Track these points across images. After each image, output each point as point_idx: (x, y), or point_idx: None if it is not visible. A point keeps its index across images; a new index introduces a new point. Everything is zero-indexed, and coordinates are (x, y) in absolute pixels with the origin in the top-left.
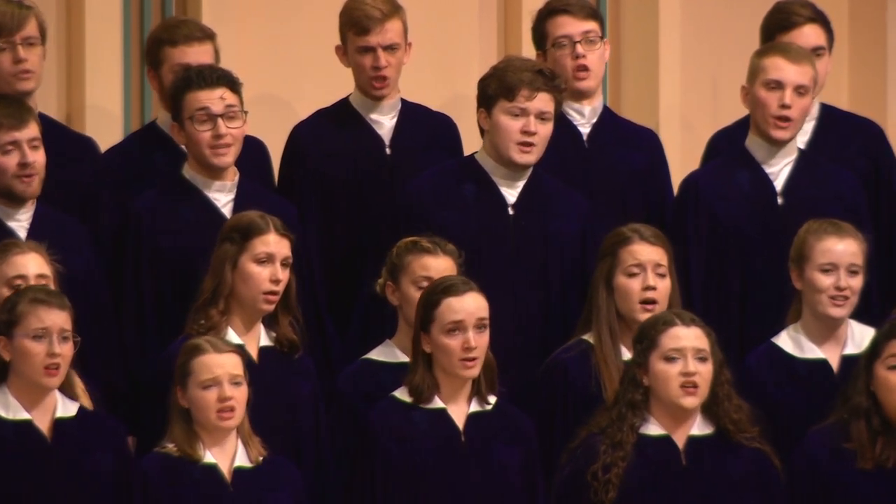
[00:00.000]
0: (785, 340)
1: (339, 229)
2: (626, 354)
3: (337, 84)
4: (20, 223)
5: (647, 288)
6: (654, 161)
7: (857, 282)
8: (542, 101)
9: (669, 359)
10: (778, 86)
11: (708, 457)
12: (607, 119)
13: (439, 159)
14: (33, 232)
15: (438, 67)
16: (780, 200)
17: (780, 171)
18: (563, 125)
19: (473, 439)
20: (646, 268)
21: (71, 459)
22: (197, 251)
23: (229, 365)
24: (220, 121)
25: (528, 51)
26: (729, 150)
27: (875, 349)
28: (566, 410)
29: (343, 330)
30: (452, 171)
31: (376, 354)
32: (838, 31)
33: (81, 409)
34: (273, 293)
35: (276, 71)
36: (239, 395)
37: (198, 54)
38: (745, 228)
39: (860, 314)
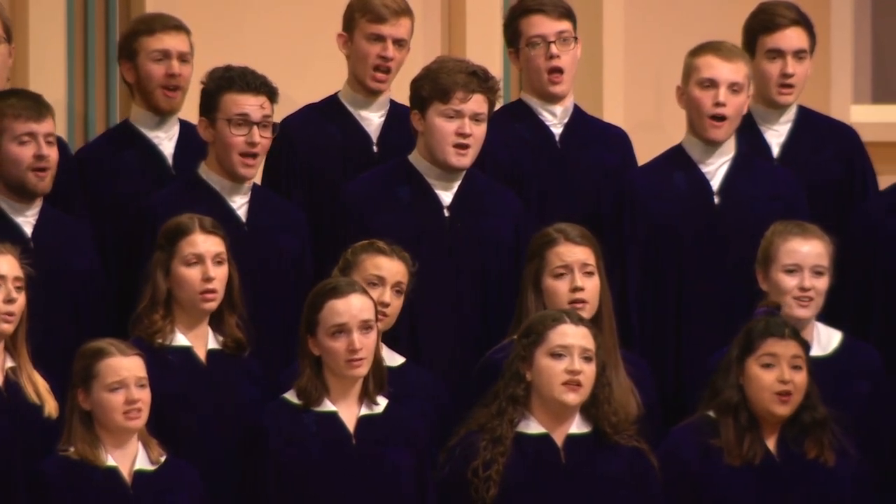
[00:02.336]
0: None
1: (325, 225)
2: None
3: (323, 80)
4: (27, 219)
5: (576, 289)
6: (625, 160)
7: (821, 283)
8: (477, 103)
9: (555, 355)
10: (712, 84)
11: (587, 455)
12: (578, 119)
13: None
14: (38, 229)
15: None
16: (716, 200)
17: (716, 170)
18: (536, 125)
19: (364, 442)
20: (573, 268)
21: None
22: None
23: (135, 368)
24: (255, 129)
25: (473, 52)
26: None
27: (749, 345)
28: None
29: None
30: (387, 173)
31: None
32: None
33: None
34: (209, 291)
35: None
36: (145, 397)
37: (176, 42)
38: (682, 228)
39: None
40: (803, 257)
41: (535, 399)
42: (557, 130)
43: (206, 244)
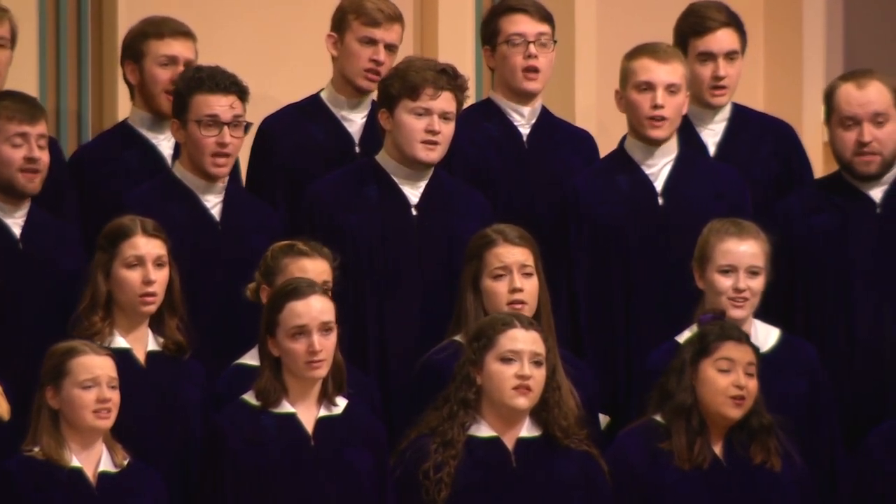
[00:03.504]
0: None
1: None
2: None
3: (303, 80)
4: (15, 220)
5: (514, 290)
6: (591, 163)
7: (757, 283)
8: (446, 101)
9: (505, 359)
10: (649, 87)
11: (537, 458)
12: (546, 120)
13: None
14: (27, 230)
15: None
16: (660, 201)
17: (659, 171)
18: (504, 124)
19: (323, 443)
20: (511, 269)
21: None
22: (185, 251)
23: (108, 367)
24: (226, 129)
25: (445, 52)
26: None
27: (705, 347)
28: None
29: None
30: (354, 172)
31: (249, 358)
32: (754, 32)
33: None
34: (149, 294)
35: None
36: (115, 398)
37: (183, 48)
38: (627, 230)
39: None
40: (738, 258)
41: (486, 403)
42: (525, 130)
43: (148, 247)
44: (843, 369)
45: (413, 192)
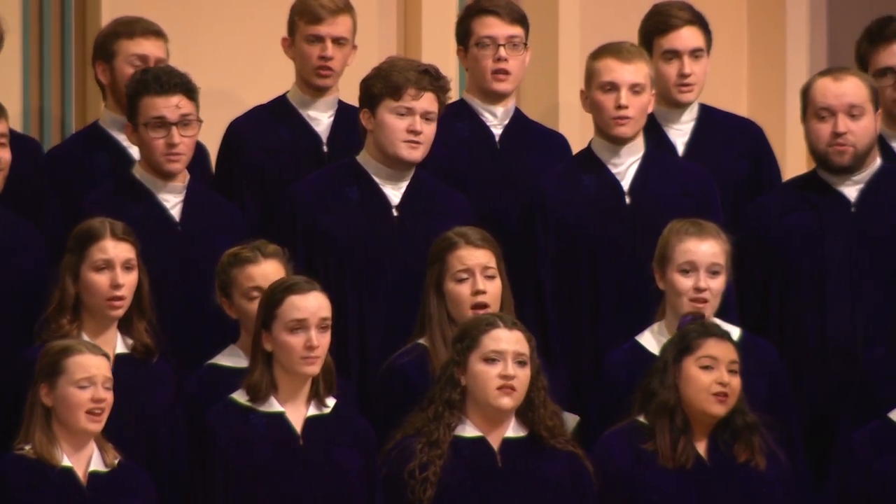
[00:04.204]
0: (648, 339)
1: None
2: None
3: (275, 81)
4: None
5: (477, 292)
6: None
7: (717, 283)
8: (428, 101)
9: (489, 360)
10: (613, 87)
11: (523, 458)
12: (519, 121)
13: None
14: None
15: None
16: (627, 200)
17: (626, 170)
18: (476, 125)
19: (312, 443)
20: (474, 272)
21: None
22: (144, 252)
23: (103, 367)
24: (174, 129)
25: (428, 53)
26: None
27: (687, 345)
28: (406, 414)
29: None
30: (335, 173)
31: (221, 359)
32: (737, 33)
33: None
34: (117, 298)
35: (218, 67)
36: (109, 399)
37: (154, 48)
38: (594, 230)
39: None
40: (699, 257)
41: (471, 403)
42: (497, 131)
43: (116, 250)
44: (816, 369)
45: (394, 193)
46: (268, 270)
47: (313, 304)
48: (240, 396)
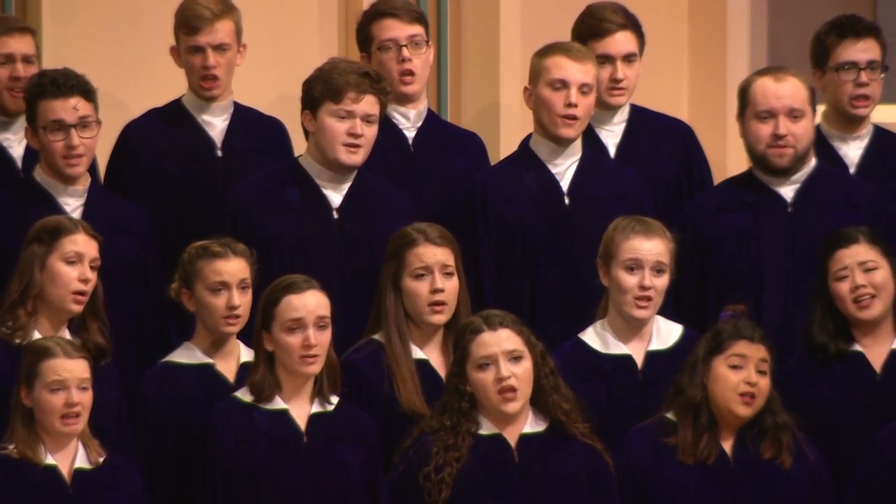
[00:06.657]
0: (591, 336)
1: (170, 229)
2: (418, 353)
3: (172, 84)
4: None
5: (436, 290)
6: (478, 164)
7: (661, 281)
8: (369, 104)
9: (482, 366)
10: (563, 85)
11: (541, 454)
12: (432, 123)
13: (270, 162)
14: None
15: (279, 69)
16: (566, 200)
17: (565, 171)
18: (389, 129)
19: (315, 440)
20: (433, 270)
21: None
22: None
23: (77, 370)
24: (73, 132)
25: None
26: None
27: (719, 344)
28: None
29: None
30: (276, 175)
31: (177, 356)
32: (678, 35)
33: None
34: (82, 293)
35: (111, 70)
36: (85, 400)
37: (20, 44)
38: (533, 229)
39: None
40: (644, 255)
41: (481, 407)
42: (411, 134)
43: (88, 246)
44: None
45: (335, 195)
46: (235, 268)
47: (310, 302)
48: (244, 395)
